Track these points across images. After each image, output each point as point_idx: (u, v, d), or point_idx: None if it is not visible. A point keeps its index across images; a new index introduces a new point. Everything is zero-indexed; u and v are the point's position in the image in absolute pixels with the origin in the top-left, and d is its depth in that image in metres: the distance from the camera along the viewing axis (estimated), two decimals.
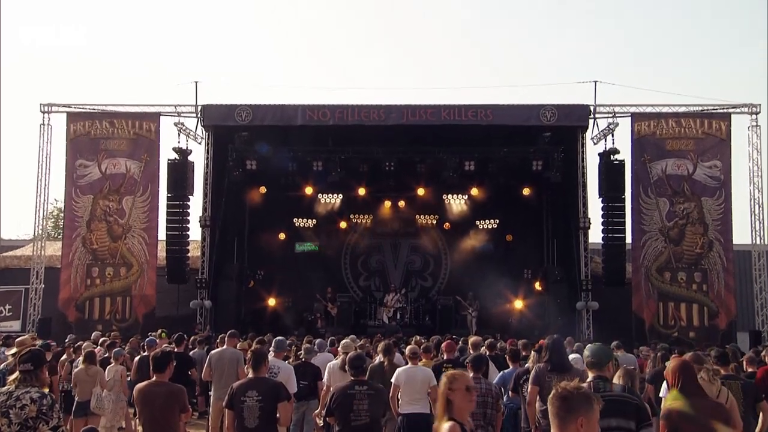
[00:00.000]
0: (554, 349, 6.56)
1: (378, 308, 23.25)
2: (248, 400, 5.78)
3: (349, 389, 5.96)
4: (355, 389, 5.93)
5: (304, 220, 24.71)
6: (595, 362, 4.73)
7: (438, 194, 23.45)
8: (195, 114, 20.54)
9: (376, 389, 6.08)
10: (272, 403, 5.77)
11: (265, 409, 5.74)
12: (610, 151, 19.87)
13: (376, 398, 5.96)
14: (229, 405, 5.89)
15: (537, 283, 22.76)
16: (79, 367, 9.86)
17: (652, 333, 19.40)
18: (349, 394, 5.91)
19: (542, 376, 6.45)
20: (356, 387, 5.96)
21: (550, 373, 6.40)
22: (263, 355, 6.12)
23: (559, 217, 22.25)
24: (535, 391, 6.41)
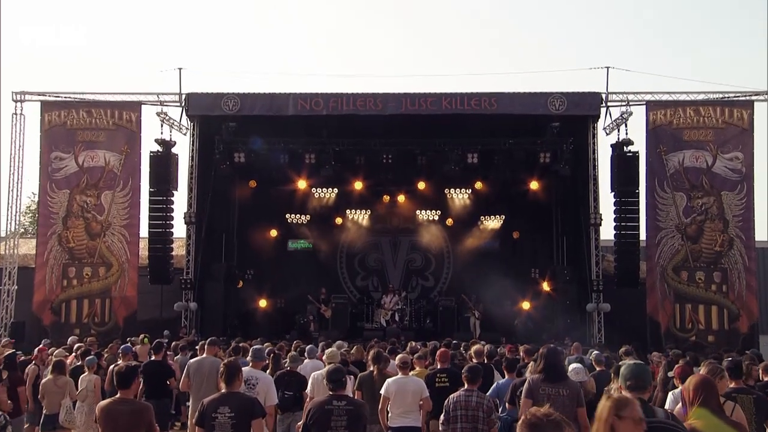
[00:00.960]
0: (549, 358, 6.49)
1: (375, 310, 23.19)
2: (220, 417, 5.62)
3: (327, 404, 5.85)
4: (333, 404, 5.82)
5: (296, 216, 24.64)
6: (639, 385, 4.47)
7: (439, 188, 23.40)
8: (179, 103, 20.46)
9: (355, 404, 5.99)
10: (245, 420, 5.63)
11: (238, 426, 5.59)
12: (623, 142, 19.77)
13: (355, 414, 5.85)
14: (199, 422, 5.74)
15: (545, 284, 22.61)
16: (48, 377, 9.72)
17: (668, 337, 19.34)
18: (327, 410, 5.80)
19: (536, 388, 6.39)
20: (334, 402, 5.84)
21: (544, 384, 6.35)
22: (236, 368, 5.97)
23: (569, 213, 22.16)
24: (528, 404, 6.27)
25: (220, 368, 6.02)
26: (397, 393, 7.76)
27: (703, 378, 4.55)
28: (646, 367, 4.75)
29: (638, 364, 4.77)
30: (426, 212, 24.65)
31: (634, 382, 4.49)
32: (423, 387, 7.88)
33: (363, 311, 23.65)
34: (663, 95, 20.42)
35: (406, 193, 24.13)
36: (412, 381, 7.93)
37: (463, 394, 6.77)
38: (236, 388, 5.92)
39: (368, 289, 25.33)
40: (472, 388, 6.80)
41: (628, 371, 4.58)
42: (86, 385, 9.93)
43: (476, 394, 6.74)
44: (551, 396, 6.19)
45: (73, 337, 15.71)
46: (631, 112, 20.05)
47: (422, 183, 22.72)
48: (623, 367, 4.70)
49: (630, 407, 3.49)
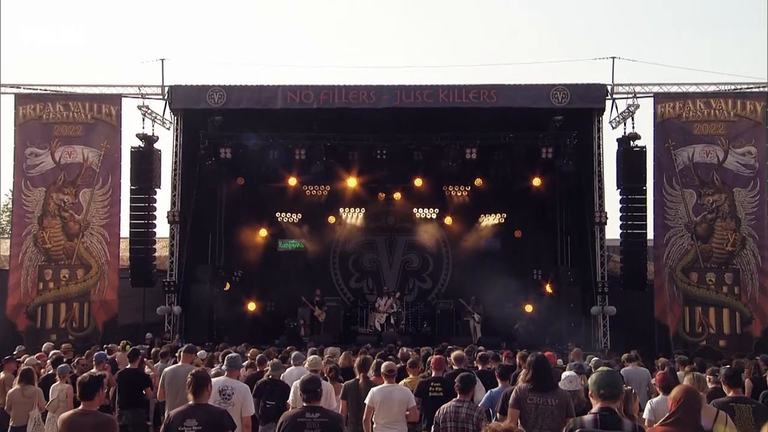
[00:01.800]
0: (538, 366, 6.50)
1: (370, 314, 23.18)
2: (186, 431, 5.60)
3: (299, 417, 5.82)
4: (306, 417, 5.79)
5: (287, 215, 24.61)
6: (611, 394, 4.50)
7: (437, 185, 23.39)
8: (161, 96, 20.35)
9: (330, 417, 5.94)
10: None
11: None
12: (629, 137, 19.71)
13: (329, 427, 5.82)
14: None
15: (547, 285, 22.62)
16: (15, 387, 9.64)
17: (677, 341, 19.28)
18: (299, 422, 5.77)
19: (523, 397, 6.38)
20: (307, 414, 5.81)
21: (532, 393, 6.35)
22: (204, 378, 5.92)
23: (573, 211, 22.14)
24: (515, 415, 6.29)
25: (188, 378, 5.94)
26: (383, 402, 7.73)
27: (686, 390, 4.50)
28: (617, 375, 4.81)
29: (609, 371, 4.78)
30: (423, 210, 24.59)
31: (607, 390, 4.50)
32: (410, 396, 7.85)
33: (357, 315, 23.62)
34: (672, 87, 20.29)
35: (402, 190, 24.12)
36: (398, 390, 7.91)
37: (454, 405, 6.74)
38: (205, 399, 5.88)
39: (363, 292, 25.34)
40: (463, 398, 6.77)
41: (599, 379, 4.58)
42: (57, 395, 9.86)
43: (467, 406, 6.70)
44: (539, 406, 6.21)
45: (49, 343, 15.69)
46: (638, 105, 19.94)
47: (419, 180, 22.70)
48: (594, 374, 4.69)
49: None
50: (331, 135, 20.63)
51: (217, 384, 7.69)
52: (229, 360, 8.30)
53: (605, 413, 4.47)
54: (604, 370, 4.79)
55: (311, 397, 5.93)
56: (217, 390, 7.59)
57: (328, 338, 19.82)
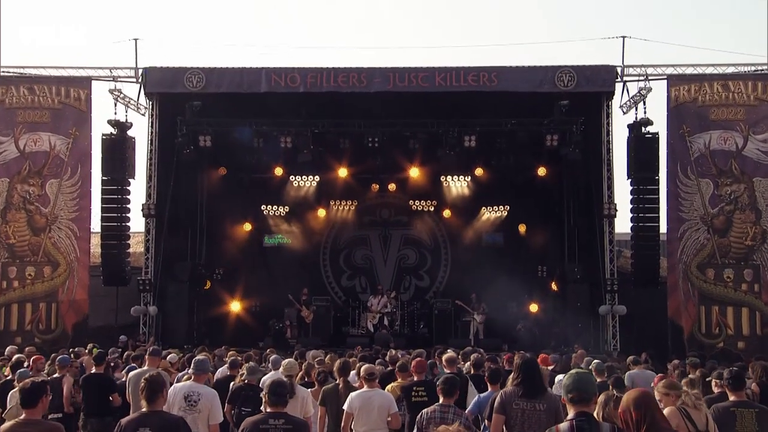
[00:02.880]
0: (526, 370, 6.48)
1: (362, 314, 23.17)
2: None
3: (262, 423, 5.80)
4: (269, 423, 5.77)
5: (273, 208, 24.64)
6: (582, 397, 4.51)
7: (435, 176, 23.40)
8: (135, 79, 20.28)
9: (295, 423, 5.92)
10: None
11: None
12: (641, 122, 19.65)
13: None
14: None
15: (553, 283, 22.61)
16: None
17: (692, 343, 19.20)
18: (262, 429, 5.75)
19: (509, 402, 6.37)
20: (270, 421, 5.79)
21: (519, 398, 6.34)
22: (159, 383, 5.85)
23: (580, 203, 22.05)
24: (500, 421, 6.28)
25: (141, 383, 5.88)
26: (362, 408, 7.76)
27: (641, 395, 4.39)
28: (589, 377, 4.76)
29: (581, 373, 4.78)
30: (420, 202, 24.71)
31: (577, 394, 4.50)
32: (391, 402, 7.88)
33: (348, 315, 23.65)
34: (686, 68, 20.21)
35: (396, 181, 24.09)
36: (378, 395, 7.93)
37: (439, 409, 6.74)
38: (160, 405, 5.83)
39: (355, 290, 25.41)
40: (448, 402, 6.79)
41: (570, 382, 4.59)
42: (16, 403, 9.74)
43: (453, 411, 6.72)
44: (526, 411, 6.21)
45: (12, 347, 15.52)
46: (650, 88, 19.89)
47: (415, 170, 22.69)
48: (566, 377, 4.71)
49: None
50: (320, 121, 20.57)
51: (182, 389, 7.70)
52: (196, 363, 8.24)
53: (581, 419, 4.46)
54: (574, 372, 4.77)
55: (278, 402, 5.90)
56: (182, 396, 7.57)
57: (317, 340, 19.88)
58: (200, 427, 7.40)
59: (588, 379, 4.67)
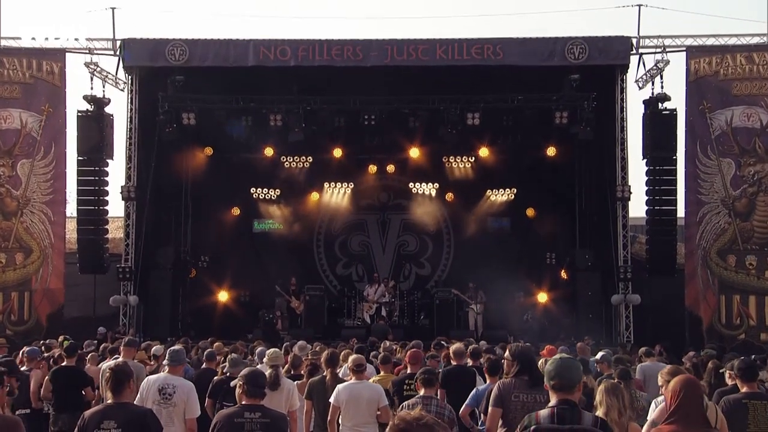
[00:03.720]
0: (523, 359, 6.53)
1: (358, 304, 23.18)
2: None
3: (237, 416, 5.79)
4: (245, 417, 5.76)
5: (263, 191, 24.55)
6: (564, 384, 4.55)
7: (436, 156, 23.35)
8: (113, 51, 20.22)
9: (272, 417, 5.91)
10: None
11: None
12: (657, 98, 19.62)
13: (272, 429, 5.80)
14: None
15: (563, 271, 22.65)
16: None
17: (711, 334, 19.24)
18: (236, 423, 5.76)
19: (507, 394, 6.40)
20: (246, 414, 5.78)
21: (518, 390, 6.37)
22: (125, 373, 5.81)
23: (592, 185, 22.07)
24: (497, 414, 6.30)
25: (106, 373, 5.86)
26: (349, 402, 7.81)
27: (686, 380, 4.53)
28: (573, 363, 4.78)
29: (564, 359, 4.82)
30: (421, 185, 24.55)
31: (559, 381, 4.55)
32: (381, 394, 7.92)
33: (344, 305, 23.64)
34: (707, 39, 20.17)
35: (395, 162, 24.03)
36: (367, 387, 7.99)
37: (420, 402, 6.75)
38: (125, 398, 5.79)
39: (351, 279, 25.35)
40: (429, 394, 6.87)
41: (552, 368, 4.63)
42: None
43: (435, 403, 6.80)
44: (526, 404, 6.20)
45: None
46: (668, 61, 19.82)
47: (415, 150, 22.61)
48: (548, 362, 4.77)
49: None
50: (312, 98, 20.47)
51: (156, 382, 7.72)
52: (171, 354, 8.23)
53: (563, 407, 4.50)
54: (557, 358, 4.85)
55: (255, 393, 5.90)
56: (156, 388, 7.59)
57: (309, 332, 19.78)
58: (176, 422, 7.42)
59: (571, 366, 4.69)
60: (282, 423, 5.99)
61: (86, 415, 5.73)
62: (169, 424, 7.34)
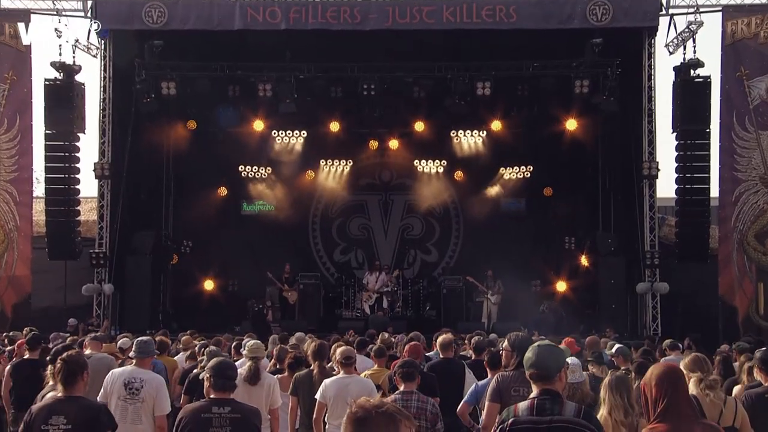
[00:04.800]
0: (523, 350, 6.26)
1: (358, 293, 23.21)
2: (51, 430, 5.54)
3: (204, 411, 5.80)
4: (213, 412, 5.77)
5: (252, 169, 24.51)
6: (543, 374, 4.68)
7: (444, 130, 23.37)
8: (83, 13, 20.15)
9: (244, 412, 5.91)
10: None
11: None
12: (689, 64, 19.54)
13: (242, 426, 5.79)
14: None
15: (583, 257, 22.56)
16: None
17: (747, 326, 19.32)
18: (204, 419, 5.76)
19: (506, 388, 6.47)
20: (214, 409, 5.79)
21: (517, 384, 6.40)
22: (78, 364, 5.83)
23: (616, 161, 22.03)
24: (494, 410, 6.28)
25: (57, 364, 5.85)
26: (337, 398, 7.78)
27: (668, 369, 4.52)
28: (553, 350, 4.86)
29: (543, 346, 4.87)
30: (426, 162, 24.54)
31: (536, 371, 4.65)
32: (372, 390, 7.91)
33: (342, 295, 23.66)
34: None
35: (398, 136, 24.03)
36: (356, 382, 7.99)
37: (400, 398, 6.85)
38: (78, 391, 5.80)
39: (350, 266, 25.33)
40: (410, 389, 6.96)
41: (530, 356, 4.73)
42: None
43: (416, 398, 6.89)
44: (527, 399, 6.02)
45: None
46: (702, 23, 19.73)
47: (420, 123, 22.65)
48: (528, 350, 4.82)
49: None
50: (305, 65, 20.50)
51: (122, 375, 7.66)
52: (139, 345, 8.14)
53: (544, 398, 4.60)
54: (535, 346, 4.87)
55: (223, 386, 5.89)
56: (121, 383, 7.54)
57: (303, 324, 19.69)
58: (144, 419, 7.39)
59: (550, 354, 4.76)
60: (254, 418, 5.98)
61: (33, 410, 5.75)
62: (136, 422, 7.35)
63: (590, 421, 4.59)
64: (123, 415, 7.33)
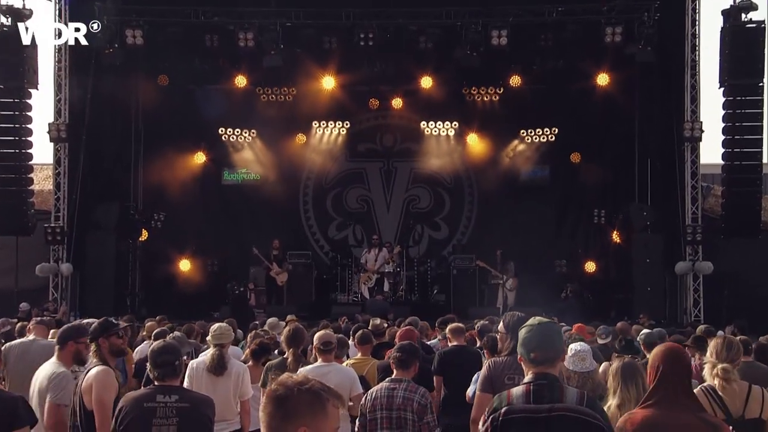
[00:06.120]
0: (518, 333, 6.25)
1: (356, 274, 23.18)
2: None
3: (147, 401, 5.83)
4: (158, 401, 5.81)
5: (234, 132, 24.47)
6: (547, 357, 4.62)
7: (454, 87, 23.36)
8: None
9: (193, 401, 5.99)
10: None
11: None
12: (740, 7, 19.55)
13: (192, 415, 5.84)
14: None
15: (614, 232, 22.61)
16: None
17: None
18: (147, 409, 5.79)
19: (497, 376, 6.57)
20: (159, 397, 5.83)
21: (511, 371, 6.46)
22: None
23: (653, 121, 21.81)
24: (485, 401, 6.17)
25: None
26: None
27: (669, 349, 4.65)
28: (556, 329, 4.82)
29: (545, 324, 4.78)
30: (435, 124, 24.43)
31: (541, 353, 4.59)
32: (353, 380, 7.93)
33: (337, 277, 23.63)
34: None
35: (402, 94, 24.00)
36: (336, 371, 7.97)
37: (386, 387, 6.94)
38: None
39: (347, 244, 25.35)
40: (400, 377, 7.01)
41: (531, 336, 4.64)
42: None
43: (404, 387, 6.91)
44: None
45: None
46: None
47: (427, 79, 22.60)
48: (523, 330, 4.73)
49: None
50: (293, 11, 20.51)
51: None
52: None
53: (541, 382, 4.56)
54: (535, 323, 4.76)
55: (166, 373, 5.92)
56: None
57: (292, 309, 19.80)
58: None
59: (554, 332, 4.74)
60: (206, 408, 5.97)
61: None
62: None
63: (594, 409, 4.54)
64: None
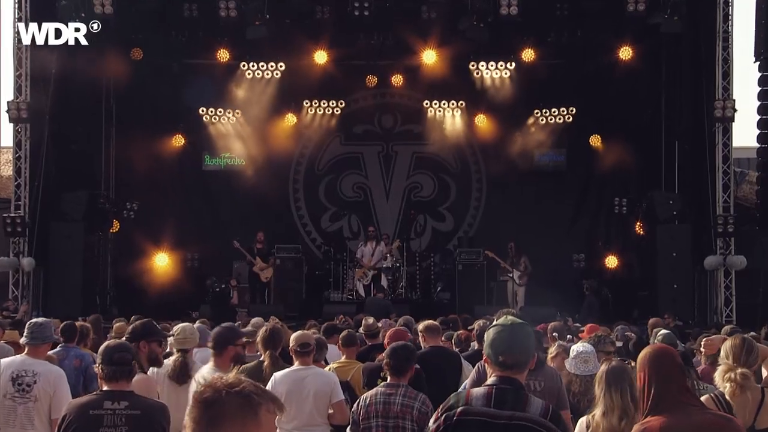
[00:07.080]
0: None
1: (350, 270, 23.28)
2: None
3: (93, 407, 5.86)
4: (105, 408, 5.84)
5: (216, 113, 24.46)
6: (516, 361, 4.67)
7: (461, 62, 23.28)
8: None
9: (145, 408, 5.96)
10: None
11: None
12: None
13: (143, 424, 5.85)
14: None
15: (637, 223, 22.65)
16: None
17: None
18: (93, 417, 5.82)
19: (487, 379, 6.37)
20: (107, 403, 5.86)
21: None
22: None
23: (681, 100, 21.83)
24: None
25: None
26: (290, 394, 7.81)
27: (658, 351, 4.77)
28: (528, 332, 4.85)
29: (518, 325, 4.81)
30: (439, 104, 24.49)
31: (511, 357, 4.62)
32: (334, 386, 7.97)
33: (330, 273, 23.69)
34: None
35: (403, 70, 24.08)
36: (315, 375, 8.02)
37: (382, 392, 7.01)
38: None
39: (342, 236, 25.45)
40: (396, 381, 7.04)
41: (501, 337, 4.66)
42: None
43: (402, 393, 6.96)
44: None
45: None
46: None
47: (430, 53, 22.56)
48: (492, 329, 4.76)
49: None
50: None
51: (10, 367, 7.66)
52: (32, 328, 8.10)
53: (506, 387, 4.60)
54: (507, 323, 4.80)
55: (115, 374, 5.92)
56: (9, 377, 7.54)
57: (279, 308, 19.94)
58: (36, 422, 7.45)
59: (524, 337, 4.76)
60: (159, 416, 5.96)
61: None
62: (26, 426, 7.40)
63: (558, 425, 4.59)
64: (9, 417, 7.38)
